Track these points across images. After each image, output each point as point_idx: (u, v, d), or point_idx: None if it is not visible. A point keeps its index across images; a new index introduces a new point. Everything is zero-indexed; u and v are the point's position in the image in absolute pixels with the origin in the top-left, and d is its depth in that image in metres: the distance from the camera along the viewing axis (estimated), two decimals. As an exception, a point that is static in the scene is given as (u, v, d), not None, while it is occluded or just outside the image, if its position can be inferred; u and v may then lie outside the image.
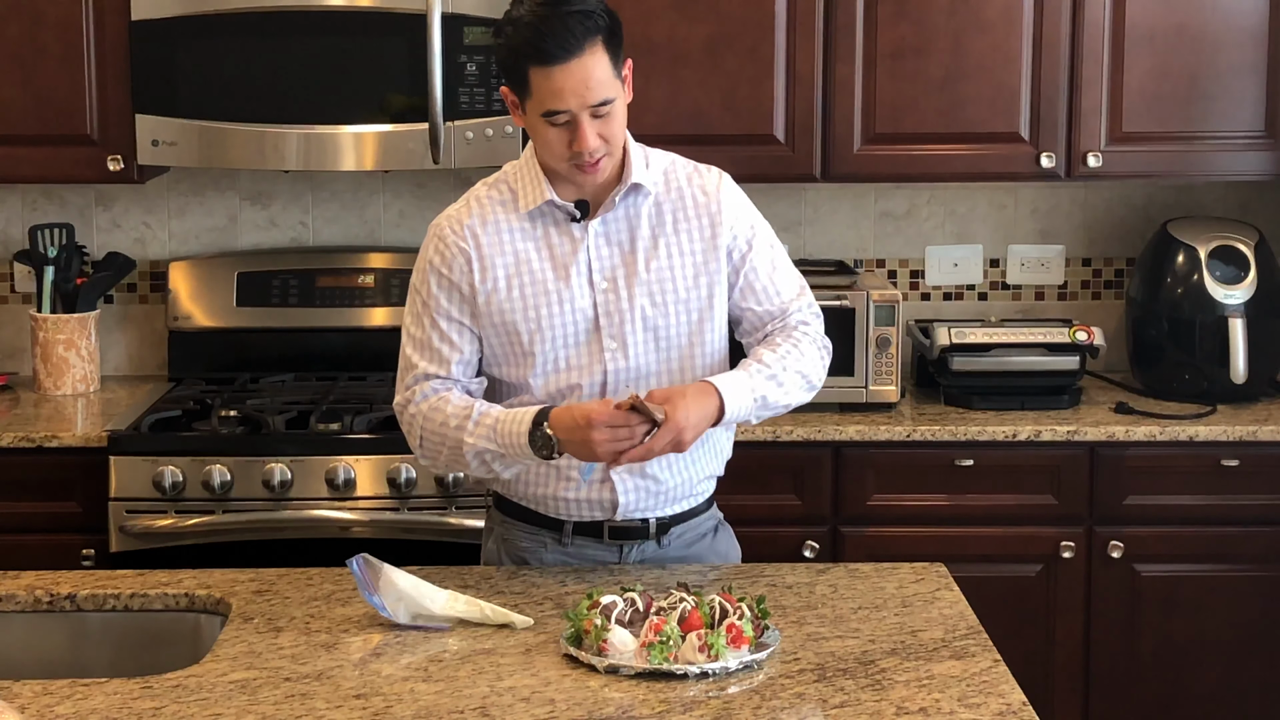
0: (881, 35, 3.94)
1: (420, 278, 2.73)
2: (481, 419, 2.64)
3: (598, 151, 2.59)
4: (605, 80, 2.55)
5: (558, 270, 2.68)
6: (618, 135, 2.63)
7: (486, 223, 2.70)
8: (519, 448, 2.60)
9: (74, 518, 3.71)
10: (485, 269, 2.68)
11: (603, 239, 2.70)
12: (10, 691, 2.27)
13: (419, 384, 2.72)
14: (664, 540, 2.80)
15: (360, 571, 2.50)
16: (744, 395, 2.64)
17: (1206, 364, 4.01)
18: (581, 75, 2.52)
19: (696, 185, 2.75)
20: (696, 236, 2.72)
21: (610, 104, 2.57)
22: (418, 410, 2.70)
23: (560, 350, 2.69)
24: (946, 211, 4.38)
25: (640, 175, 2.70)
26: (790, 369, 2.71)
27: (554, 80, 2.53)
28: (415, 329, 2.74)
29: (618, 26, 2.59)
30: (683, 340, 2.72)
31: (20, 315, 4.31)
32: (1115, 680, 3.88)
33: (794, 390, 2.73)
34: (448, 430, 2.66)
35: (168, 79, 3.86)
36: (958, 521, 3.83)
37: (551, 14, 2.52)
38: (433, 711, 2.20)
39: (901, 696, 2.24)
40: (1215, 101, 3.98)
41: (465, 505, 3.65)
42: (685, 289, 2.71)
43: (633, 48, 3.92)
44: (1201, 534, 3.85)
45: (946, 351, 3.97)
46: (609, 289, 2.69)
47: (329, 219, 4.35)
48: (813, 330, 2.79)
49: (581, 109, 2.55)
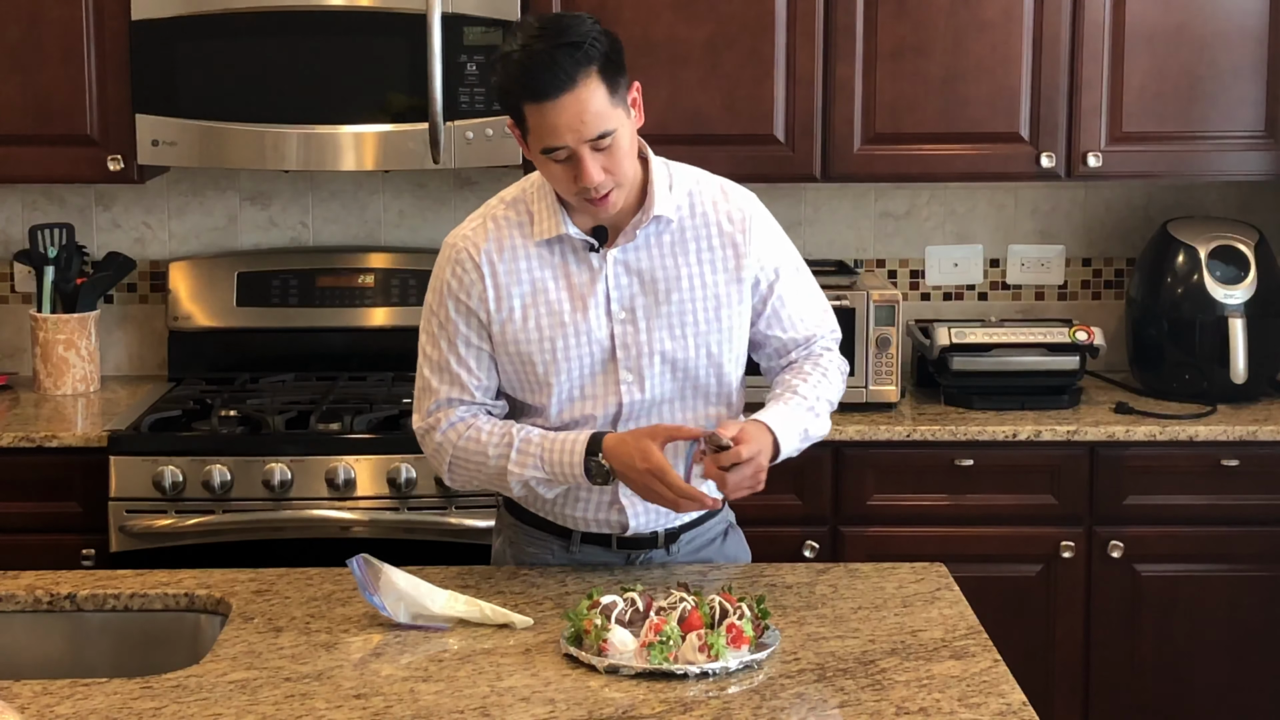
0: (881, 35, 3.94)
1: (436, 299, 2.66)
2: (524, 446, 2.60)
3: (603, 186, 2.50)
4: (602, 112, 2.46)
5: (575, 301, 2.61)
6: (624, 166, 2.52)
7: (503, 248, 2.62)
8: (572, 476, 2.59)
9: (74, 518, 3.71)
10: (501, 298, 2.61)
11: (622, 267, 2.62)
12: (10, 691, 2.27)
13: (441, 410, 2.67)
14: (673, 548, 2.78)
15: (360, 571, 2.50)
16: (793, 433, 2.61)
17: (1206, 364, 4.01)
18: (575, 110, 2.44)
19: (723, 212, 2.66)
20: (720, 268, 2.65)
21: (611, 135, 2.47)
22: (445, 439, 2.66)
23: (576, 381, 2.64)
24: (946, 211, 4.38)
25: (662, 205, 2.61)
26: (823, 398, 2.69)
27: (548, 116, 2.45)
28: (432, 350, 2.67)
29: (616, 52, 2.50)
30: (700, 371, 2.67)
31: (20, 315, 4.31)
32: (1115, 680, 3.88)
33: (825, 420, 2.71)
34: (486, 459, 2.63)
35: (168, 79, 3.86)
36: (958, 521, 3.83)
37: (540, 49, 2.43)
38: (433, 711, 2.20)
39: (901, 696, 2.24)
40: (1215, 101, 3.98)
41: (465, 505, 3.65)
42: (705, 321, 2.65)
43: (633, 48, 3.92)
44: (1201, 534, 3.85)
45: (946, 351, 3.97)
46: (627, 319, 2.63)
47: (329, 219, 4.35)
48: (835, 355, 2.77)
49: (579, 143, 2.46)
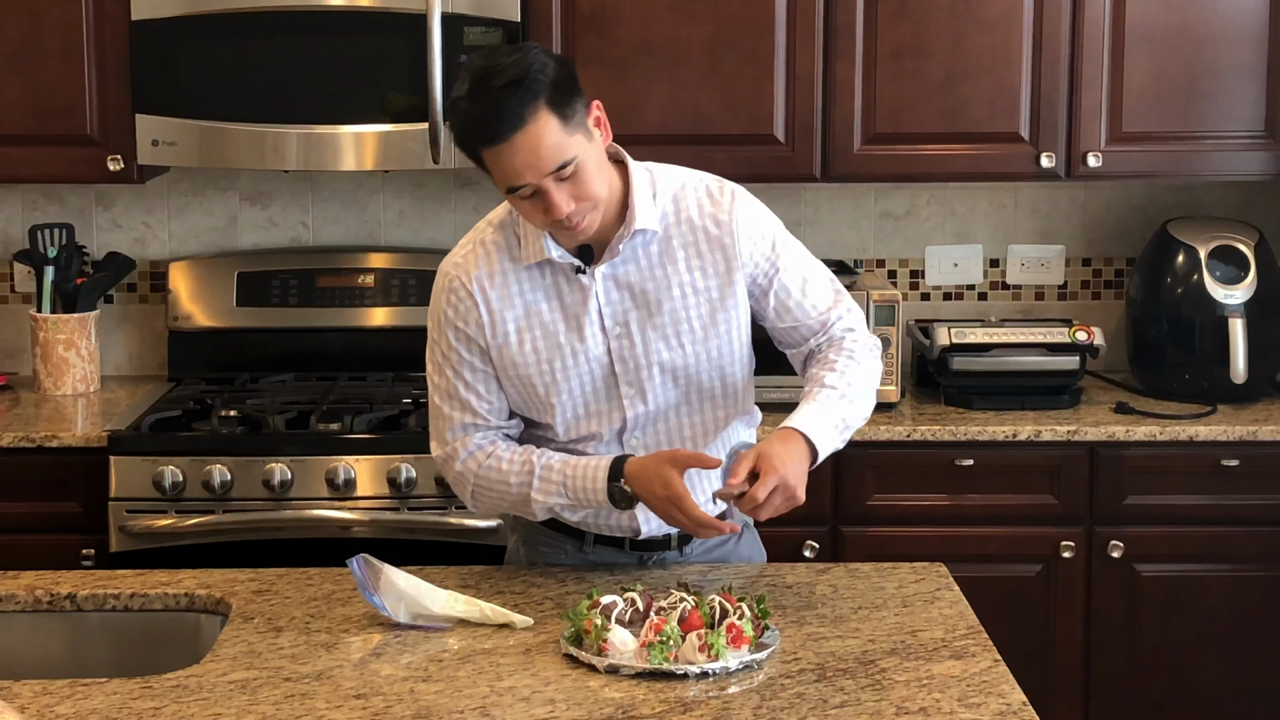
0: (881, 35, 3.94)
1: (437, 330, 2.66)
2: (546, 474, 2.61)
3: (575, 215, 2.46)
4: (558, 144, 2.41)
5: (569, 320, 2.61)
6: (593, 189, 2.47)
7: (494, 274, 2.61)
8: (595, 501, 2.60)
9: (74, 518, 3.71)
10: (495, 324, 2.61)
11: (611, 282, 2.61)
12: (10, 691, 2.27)
13: (459, 439, 2.67)
14: (686, 549, 2.78)
15: (360, 571, 2.50)
16: (827, 429, 2.58)
17: (1206, 364, 4.01)
18: (529, 147, 2.39)
19: (709, 216, 2.62)
20: (711, 272, 2.63)
21: (572, 162, 2.43)
22: (465, 468, 2.67)
23: (579, 400, 2.64)
24: (946, 211, 4.38)
25: (644, 217, 2.58)
26: (855, 383, 2.64)
27: (503, 159, 2.41)
28: (439, 379, 2.67)
29: (565, 78, 2.44)
30: (703, 376, 2.66)
31: (20, 315, 4.31)
32: (1115, 680, 3.88)
33: (864, 402, 2.66)
34: (508, 488, 2.64)
35: (168, 79, 3.87)
36: (958, 521, 3.83)
37: (482, 93, 2.39)
38: (433, 711, 2.20)
39: (901, 696, 2.24)
40: (1215, 101, 3.98)
41: (465, 505, 3.64)
42: (702, 326, 2.63)
43: (633, 48, 3.96)
44: (1201, 534, 3.85)
45: (946, 351, 3.98)
46: (622, 334, 2.61)
47: (329, 219, 4.35)
48: (859, 334, 2.72)
49: (540, 178, 2.42)
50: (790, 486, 2.49)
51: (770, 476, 2.48)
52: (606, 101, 2.60)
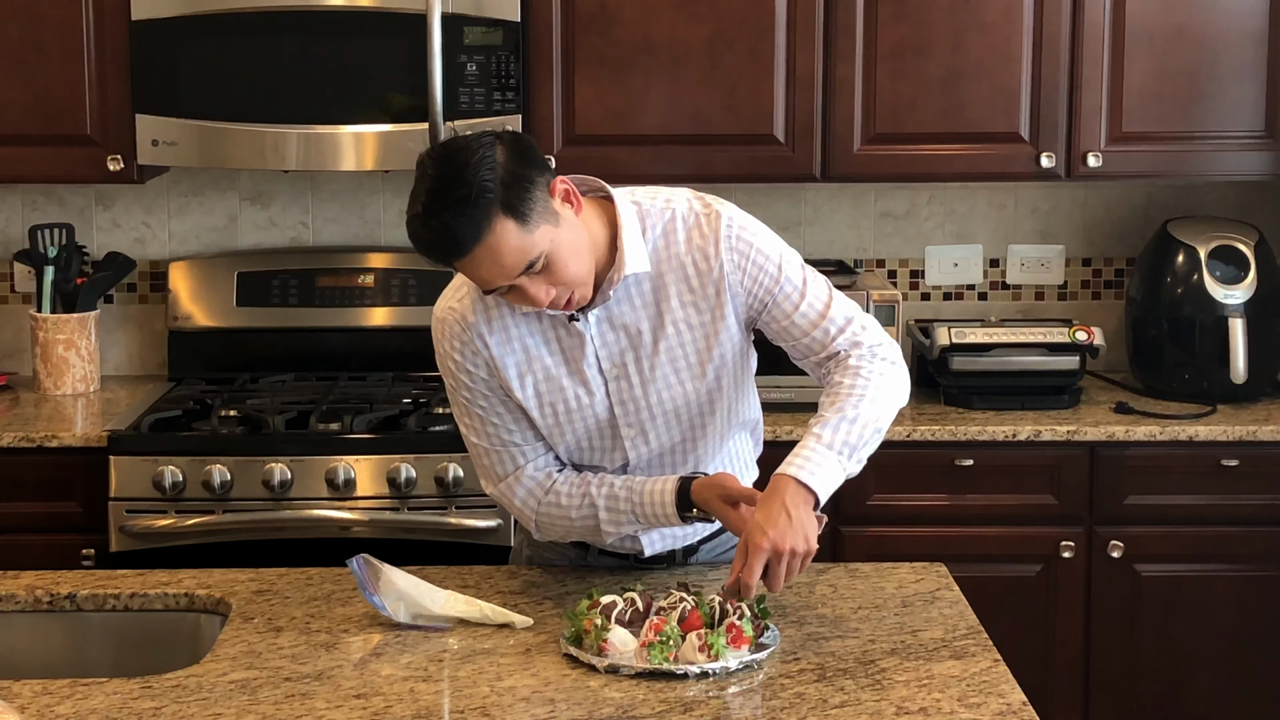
0: (881, 35, 3.94)
1: (449, 375, 2.62)
2: (611, 504, 2.60)
3: (558, 299, 2.43)
4: (518, 248, 2.34)
5: (570, 364, 2.58)
6: (571, 274, 2.41)
7: (491, 320, 2.56)
8: (667, 520, 2.60)
9: (74, 518, 3.71)
10: (496, 368, 2.57)
11: (606, 324, 2.57)
12: (10, 691, 2.27)
13: (509, 473, 2.65)
14: (692, 559, 2.79)
15: (360, 571, 2.50)
16: (825, 463, 2.49)
17: (1206, 364, 4.01)
18: (490, 258, 2.34)
19: (697, 249, 2.55)
20: (704, 307, 2.58)
21: (539, 259, 2.37)
22: (524, 505, 2.65)
23: (582, 440, 2.64)
24: (946, 211, 4.38)
25: (634, 261, 2.51)
26: (866, 397, 2.54)
27: (469, 271, 2.38)
28: (469, 420, 2.65)
29: (519, 172, 2.35)
30: (704, 408, 2.64)
31: (20, 315, 4.31)
32: (1115, 680, 3.88)
33: (876, 414, 2.55)
34: (570, 522, 2.63)
35: (168, 79, 3.87)
36: (958, 521, 3.83)
37: (432, 215, 2.32)
38: (433, 711, 2.20)
39: (901, 696, 2.24)
40: (1215, 101, 3.98)
41: (465, 505, 3.65)
42: (699, 360, 2.60)
43: (633, 48, 3.96)
44: (1201, 534, 3.85)
45: (946, 351, 3.98)
46: (620, 375, 2.59)
47: (329, 219, 4.35)
48: (866, 347, 2.61)
49: (511, 280, 2.38)
50: (783, 551, 2.40)
51: (756, 556, 2.40)
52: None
